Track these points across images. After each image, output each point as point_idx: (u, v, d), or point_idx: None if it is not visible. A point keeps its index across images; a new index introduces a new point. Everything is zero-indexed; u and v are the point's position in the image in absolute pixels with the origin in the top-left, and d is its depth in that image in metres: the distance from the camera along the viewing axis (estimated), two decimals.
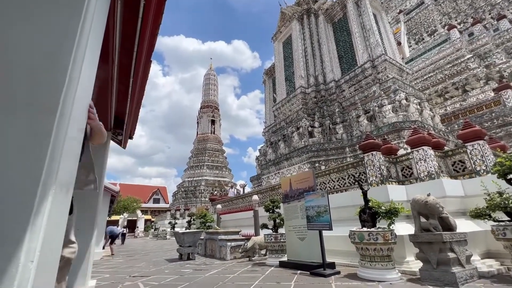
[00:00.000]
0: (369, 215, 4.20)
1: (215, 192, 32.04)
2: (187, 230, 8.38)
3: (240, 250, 7.24)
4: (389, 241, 3.85)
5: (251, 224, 8.61)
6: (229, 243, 7.41)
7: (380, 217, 4.21)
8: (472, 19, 21.19)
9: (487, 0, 23.22)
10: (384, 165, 5.69)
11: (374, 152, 5.72)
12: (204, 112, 39.30)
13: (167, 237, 21.60)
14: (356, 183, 4.99)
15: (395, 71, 11.56)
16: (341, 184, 6.59)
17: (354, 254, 4.67)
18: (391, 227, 4.11)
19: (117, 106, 3.12)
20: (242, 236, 8.65)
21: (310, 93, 13.19)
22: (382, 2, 14.93)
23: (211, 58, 46.84)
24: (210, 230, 9.02)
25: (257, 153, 19.26)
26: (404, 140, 7.22)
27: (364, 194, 4.41)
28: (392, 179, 5.80)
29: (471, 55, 16.88)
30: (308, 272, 4.53)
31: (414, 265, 4.21)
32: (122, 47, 2.05)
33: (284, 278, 4.28)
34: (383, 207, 4.24)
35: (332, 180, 6.85)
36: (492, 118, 12.94)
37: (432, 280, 3.47)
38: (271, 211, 6.54)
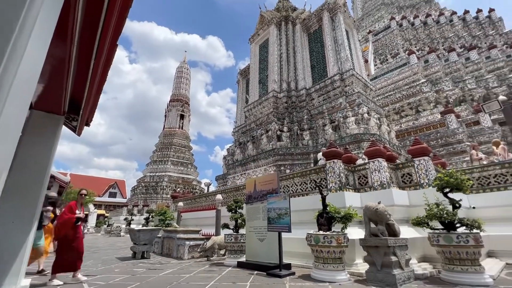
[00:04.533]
0: (326, 219, 4.42)
1: (178, 189, 30.98)
2: (144, 227, 7.96)
3: (198, 250, 7.09)
4: (342, 244, 4.09)
5: (213, 223, 8.49)
6: (187, 242, 7.22)
7: (336, 221, 4.46)
8: (428, 47, 23.66)
9: (441, 33, 26.15)
10: (343, 173, 6.04)
11: (335, 160, 6.04)
12: (174, 105, 37.86)
13: (121, 234, 20.29)
14: (317, 188, 5.22)
15: (360, 86, 12.38)
16: (303, 188, 6.84)
17: (310, 256, 4.86)
18: (344, 231, 4.37)
19: (74, 89, 2.85)
20: (202, 235, 8.49)
21: (281, 98, 13.50)
22: (354, 21, 15.91)
23: (185, 51, 45.30)
24: (168, 228, 8.68)
25: (225, 153, 19.11)
26: (363, 151, 7.75)
27: (323, 199, 4.63)
28: (350, 186, 6.18)
29: (425, 80, 18.82)
30: (265, 273, 4.61)
31: (362, 267, 4.52)
32: (85, 25, 1.88)
33: (240, 279, 4.29)
34: (340, 213, 4.49)
35: (295, 184, 7.07)
36: (437, 138, 14.54)
37: (376, 281, 3.77)
38: (233, 211, 6.53)
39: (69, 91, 2.76)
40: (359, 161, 7.49)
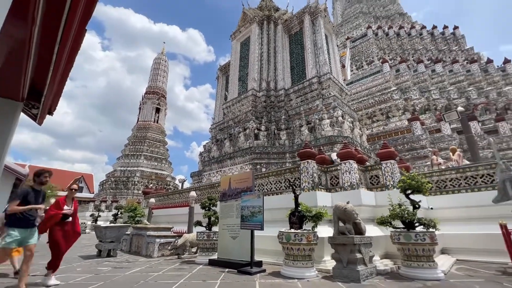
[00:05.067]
0: (297, 217, 4.54)
1: (151, 185, 29.90)
2: (111, 224, 7.59)
3: (169, 248, 6.92)
4: (311, 242, 4.23)
5: (186, 221, 8.32)
6: (158, 240, 7.01)
7: (307, 220, 4.60)
8: (400, 57, 25.13)
9: (412, 45, 27.91)
10: (316, 173, 6.23)
11: (309, 160, 6.21)
12: (149, 98, 36.39)
13: (87, 231, 19.16)
14: (290, 187, 5.33)
15: (336, 90, 12.83)
16: (278, 187, 6.95)
17: (281, 254, 4.96)
18: (315, 229, 4.52)
19: (35, 74, 2.62)
20: (174, 233, 8.30)
21: (260, 97, 13.57)
22: (333, 26, 16.42)
23: (164, 42, 43.68)
24: (138, 225, 8.36)
25: (201, 149, 18.81)
26: (336, 153, 8.04)
27: (296, 198, 4.74)
28: (322, 186, 6.39)
29: (396, 88, 19.99)
30: (236, 270, 4.62)
31: (330, 264, 4.71)
32: (49, 5, 1.74)
33: (211, 276, 4.27)
34: (311, 211, 4.63)
35: (270, 182, 7.15)
36: (404, 143, 15.54)
37: (341, 277, 3.95)
38: (207, 209, 6.46)
39: (30, 76, 2.54)
40: None
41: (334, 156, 7.35)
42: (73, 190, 4.35)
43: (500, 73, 20.59)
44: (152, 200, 11.19)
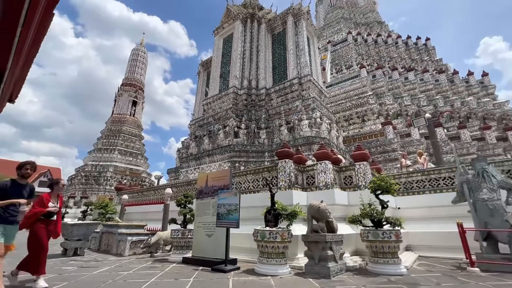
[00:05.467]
0: (273, 216, 4.60)
1: (125, 181, 28.71)
2: (79, 221, 7.19)
3: (142, 246, 6.71)
4: (286, 240, 4.31)
5: (160, 218, 8.11)
6: (130, 238, 6.77)
7: (282, 218, 4.68)
8: (376, 64, 26.30)
9: (388, 53, 29.31)
10: (293, 172, 6.35)
11: (287, 160, 6.31)
12: (126, 90, 34.83)
13: None
14: (267, 185, 5.38)
15: (316, 92, 13.14)
16: (255, 185, 6.99)
17: (257, 251, 5.01)
18: (289, 227, 4.62)
19: None
20: (147, 230, 8.05)
21: (241, 95, 13.54)
22: (316, 29, 16.78)
23: (143, 33, 42.01)
24: (109, 223, 8.00)
25: (180, 145, 18.39)
26: (313, 153, 8.26)
27: (272, 196, 4.81)
28: (298, 185, 6.53)
29: (372, 93, 20.90)
30: (210, 268, 4.59)
31: (303, 261, 4.83)
32: None
33: (184, 274, 4.20)
34: (287, 210, 4.72)
35: (248, 181, 7.18)
36: (377, 146, 16.31)
37: (313, 273, 4.08)
38: (182, 206, 6.34)
39: None
40: (309, 162, 7.97)
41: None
42: (62, 186, 4.04)
43: (464, 84, 22.29)
44: (125, 196, 10.76)
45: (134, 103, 35.29)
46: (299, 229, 5.17)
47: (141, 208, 11.12)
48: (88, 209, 10.68)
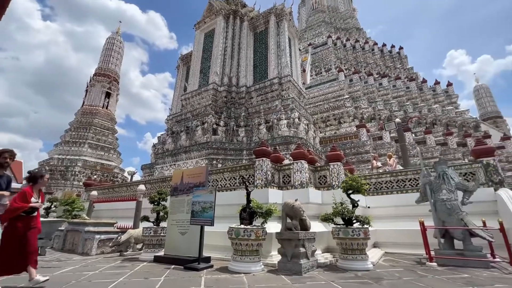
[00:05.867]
0: (248, 213, 4.62)
1: (95, 176, 27.21)
2: (41, 219, 6.69)
3: (110, 244, 6.41)
4: (260, 238, 4.36)
5: (132, 216, 7.80)
6: (97, 236, 6.44)
7: (257, 216, 4.71)
8: (354, 68, 27.32)
9: (365, 59, 30.57)
10: (270, 171, 6.42)
11: (264, 158, 6.37)
12: (99, 80, 32.92)
13: None
14: (244, 183, 5.39)
15: (295, 93, 13.36)
16: (232, 183, 6.97)
17: (231, 249, 5.01)
18: (264, 225, 4.67)
19: None
20: (118, 228, 7.72)
21: (221, 92, 13.39)
22: (297, 31, 17.04)
23: (120, 22, 39.82)
24: (75, 220, 7.55)
25: (156, 141, 17.79)
26: (290, 152, 8.40)
27: (248, 194, 4.82)
28: (275, 184, 6.62)
29: (348, 96, 21.68)
30: (182, 267, 4.51)
31: (276, 258, 4.91)
32: None
33: (154, 273, 4.09)
34: (262, 208, 4.76)
35: (224, 178, 7.14)
36: (351, 147, 16.98)
37: (285, 270, 4.16)
38: (156, 203, 6.15)
39: None
40: (286, 161, 8.10)
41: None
42: (45, 180, 3.73)
43: (431, 92, 23.91)
44: (94, 192, 10.21)
45: (108, 95, 33.48)
46: (273, 227, 5.24)
47: (112, 205, 10.62)
48: (52, 206, 9.98)
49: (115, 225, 7.69)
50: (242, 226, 4.49)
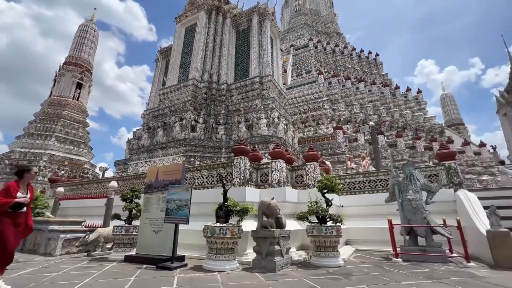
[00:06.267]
0: (224, 212, 4.60)
1: (63, 171, 25.51)
2: None
3: (77, 244, 6.06)
4: (235, 236, 4.35)
5: (102, 214, 7.42)
6: (63, 235, 6.06)
7: (234, 214, 4.70)
8: (333, 72, 28.15)
9: (343, 63, 31.62)
10: (248, 170, 6.43)
11: (243, 157, 6.36)
12: (69, 70, 30.86)
13: None
14: (221, 181, 5.35)
15: (276, 93, 13.49)
16: (210, 181, 6.88)
17: (206, 248, 4.95)
18: (240, 223, 4.67)
19: None
20: (86, 227, 7.32)
21: (202, 88, 13.15)
22: (279, 31, 17.19)
23: (95, 9, 37.63)
24: (38, 218, 7.02)
25: (131, 136, 17.08)
26: (269, 151, 8.47)
27: (225, 192, 4.80)
28: (252, 182, 6.63)
29: (327, 99, 22.30)
30: (155, 266, 4.38)
31: (251, 256, 4.93)
32: None
33: (124, 273, 3.93)
34: (238, 206, 4.76)
35: (202, 176, 7.03)
36: (328, 148, 17.51)
37: (260, 268, 4.20)
38: (128, 201, 5.90)
39: None
40: (264, 160, 8.16)
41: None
42: (33, 174, 3.42)
43: (403, 98, 25.32)
44: (61, 189, 9.58)
45: (79, 86, 31.50)
46: (249, 225, 5.26)
47: (81, 203, 10.04)
48: None
49: (83, 224, 7.28)
50: (218, 224, 4.46)
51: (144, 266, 4.50)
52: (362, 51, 33.64)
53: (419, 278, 3.68)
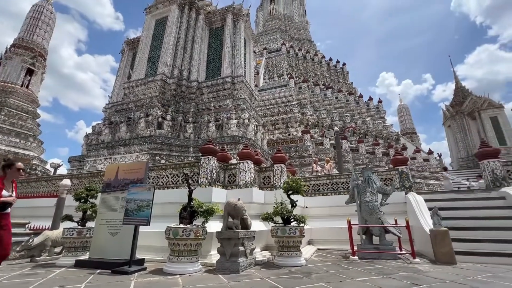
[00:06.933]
0: (188, 213, 4.48)
1: None
2: None
3: (18, 249, 5.41)
4: (199, 237, 4.25)
5: (51, 215, 6.73)
6: None
7: (198, 215, 4.59)
8: (303, 77, 29.15)
9: (313, 70, 32.93)
10: (215, 170, 6.35)
11: (210, 157, 6.26)
12: (18, 53, 27.55)
13: None
14: (187, 181, 5.20)
15: (247, 94, 13.55)
16: (175, 181, 6.66)
17: (168, 250, 4.76)
18: (205, 224, 4.58)
19: None
20: (30, 229, 6.59)
21: (171, 84, 12.69)
22: (253, 33, 17.33)
23: None
24: None
25: (90, 130, 15.81)
26: (237, 152, 8.46)
27: (190, 192, 4.67)
28: (219, 183, 6.56)
29: (297, 103, 23.01)
30: (110, 271, 4.09)
31: (215, 258, 4.86)
32: None
33: (74, 280, 3.60)
34: (203, 207, 4.66)
35: (167, 175, 6.77)
36: (296, 151, 18.05)
37: (223, 269, 4.15)
38: (83, 201, 5.44)
39: None
40: (233, 161, 8.13)
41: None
42: (19, 171, 3.02)
43: (365, 106, 27.17)
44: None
45: (30, 72, 28.26)
46: (215, 226, 5.18)
47: (26, 202, 8.99)
48: None
49: (26, 226, 6.54)
50: (181, 225, 4.32)
51: (98, 271, 4.18)
52: (331, 59, 35.35)
53: (372, 275, 3.96)
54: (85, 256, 4.92)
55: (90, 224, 5.32)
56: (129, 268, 4.05)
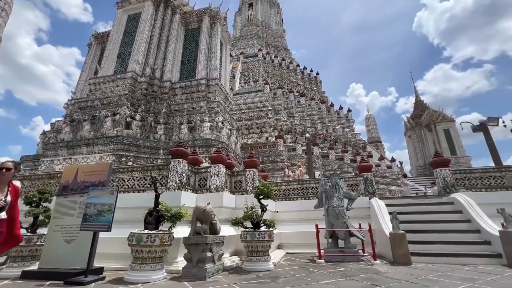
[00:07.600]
0: (154, 217, 4.28)
1: None
2: None
3: None
4: (165, 243, 4.08)
5: None
6: None
7: (165, 220, 4.41)
8: (278, 84, 29.75)
9: (288, 77, 33.80)
10: (186, 173, 6.17)
11: (181, 160, 6.07)
12: None
13: None
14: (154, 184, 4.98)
15: (222, 97, 13.47)
16: (142, 184, 6.34)
17: (131, 257, 4.49)
18: (172, 230, 4.40)
19: None
20: None
21: (142, 83, 12.16)
22: (230, 37, 17.36)
23: None
24: None
25: (48, 128, 14.51)
26: (209, 156, 8.32)
27: (157, 196, 4.48)
28: (189, 187, 6.38)
29: (271, 108, 23.37)
30: (62, 282, 3.75)
31: (182, 264, 4.68)
32: None
33: None
34: (170, 211, 4.48)
35: (133, 178, 6.42)
36: (269, 155, 18.26)
37: (189, 276, 4.02)
38: (34, 205, 4.95)
39: None
40: (205, 164, 7.97)
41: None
42: (10, 170, 2.57)
43: (336, 115, 28.45)
44: None
45: None
46: (183, 231, 5.01)
47: None
48: None
49: None
50: (146, 231, 4.12)
51: (48, 282, 3.81)
52: (305, 68, 36.57)
53: (336, 277, 4.10)
54: (34, 267, 4.46)
55: (42, 230, 4.85)
56: (85, 278, 3.75)
